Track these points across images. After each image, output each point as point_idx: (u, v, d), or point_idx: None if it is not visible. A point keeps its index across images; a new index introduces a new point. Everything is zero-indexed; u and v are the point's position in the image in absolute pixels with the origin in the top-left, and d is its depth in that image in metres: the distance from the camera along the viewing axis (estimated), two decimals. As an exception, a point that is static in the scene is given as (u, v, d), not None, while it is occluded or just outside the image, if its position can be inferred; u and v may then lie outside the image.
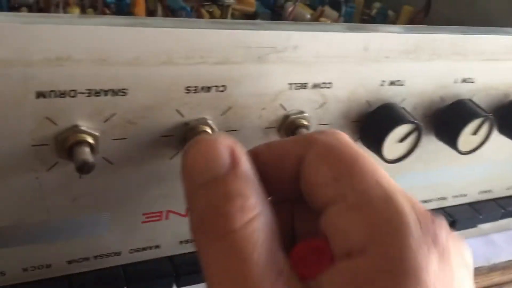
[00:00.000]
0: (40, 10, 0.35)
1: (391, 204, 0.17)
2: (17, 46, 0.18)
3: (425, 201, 0.36)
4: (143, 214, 0.26)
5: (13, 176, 0.21)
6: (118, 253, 0.26)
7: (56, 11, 0.33)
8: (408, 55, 0.27)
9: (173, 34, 0.21)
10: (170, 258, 0.28)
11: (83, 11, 0.37)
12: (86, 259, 0.26)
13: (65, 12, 0.33)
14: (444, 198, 0.37)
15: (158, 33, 0.20)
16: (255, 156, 0.19)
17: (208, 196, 0.17)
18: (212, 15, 0.41)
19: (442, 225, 0.17)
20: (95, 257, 0.26)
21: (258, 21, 0.24)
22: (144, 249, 0.27)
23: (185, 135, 0.23)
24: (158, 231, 0.27)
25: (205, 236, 0.17)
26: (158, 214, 0.26)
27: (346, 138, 0.19)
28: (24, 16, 0.19)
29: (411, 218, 0.16)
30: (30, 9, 0.35)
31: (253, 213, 0.17)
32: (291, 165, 0.19)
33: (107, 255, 0.26)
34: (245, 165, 0.18)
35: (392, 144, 0.27)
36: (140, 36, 0.20)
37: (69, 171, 0.22)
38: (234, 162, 0.18)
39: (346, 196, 0.17)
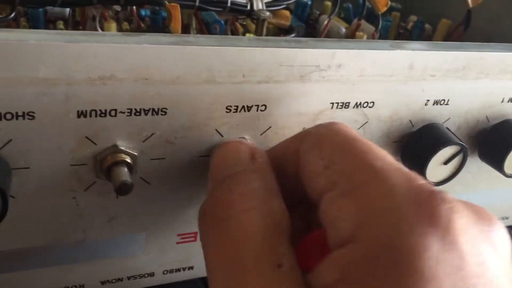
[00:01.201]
0: (76, 23, 0.35)
1: (381, 185, 0.15)
2: (60, 65, 0.18)
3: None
4: (178, 235, 0.25)
5: (51, 195, 0.21)
6: (151, 274, 0.26)
7: (92, 25, 0.33)
8: (455, 73, 0.26)
9: (216, 52, 0.20)
10: (204, 280, 0.27)
11: (118, 24, 0.37)
12: (120, 280, 0.25)
13: (101, 26, 0.32)
14: (485, 221, 0.35)
15: (201, 51, 0.20)
16: None
17: (218, 189, 0.18)
18: (246, 29, 0.40)
19: (445, 200, 0.14)
20: (129, 278, 0.25)
21: (301, 38, 0.23)
22: (177, 270, 0.26)
23: (224, 155, 0.22)
24: (192, 252, 0.26)
25: (205, 223, 0.18)
26: (193, 235, 0.25)
27: (339, 126, 0.19)
28: (67, 34, 0.18)
29: (402, 196, 0.15)
30: (66, 22, 0.35)
31: (255, 202, 0.17)
32: (290, 163, 0.19)
33: (141, 276, 0.25)
34: (261, 160, 0.19)
35: (436, 167, 0.26)
36: (183, 54, 0.20)
37: (106, 191, 0.22)
38: (252, 159, 0.19)
39: (337, 183, 0.16)
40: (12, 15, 0.29)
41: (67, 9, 0.35)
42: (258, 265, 0.15)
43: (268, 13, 0.36)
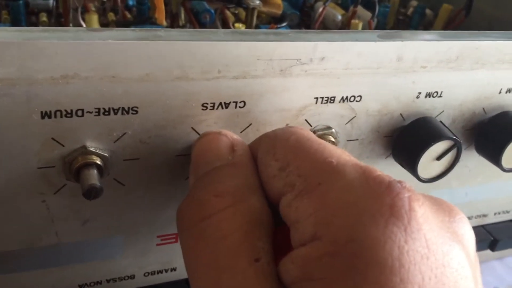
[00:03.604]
0: (59, 15, 0.34)
1: (338, 181, 0.15)
2: (19, 64, 0.17)
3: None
4: (158, 236, 0.24)
5: (19, 200, 0.20)
6: (132, 277, 0.25)
7: (75, 16, 0.32)
8: (448, 64, 0.24)
9: (188, 47, 0.19)
10: (187, 281, 0.26)
11: (104, 15, 0.36)
12: (99, 283, 0.24)
13: (83, 17, 0.31)
14: (484, 215, 0.34)
15: (171, 47, 0.19)
16: None
17: (195, 188, 0.18)
18: (237, 17, 0.39)
19: (404, 189, 0.14)
20: (108, 280, 0.24)
21: (281, 30, 0.22)
22: (159, 272, 0.26)
23: (201, 154, 0.21)
24: (174, 253, 0.25)
25: (182, 225, 0.17)
26: (174, 236, 0.24)
27: (294, 129, 0.18)
28: (27, 31, 0.17)
29: (359, 190, 0.14)
30: (50, 14, 0.34)
31: (230, 201, 0.16)
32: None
33: (121, 278, 0.25)
34: (241, 153, 0.19)
35: (428, 162, 0.25)
36: (151, 50, 0.18)
37: (78, 194, 0.21)
38: (231, 152, 0.19)
39: (293, 184, 0.16)
40: (-11, 8, 0.28)
41: (51, 0, 0.34)
42: (234, 261, 0.15)
43: (258, 2, 0.35)
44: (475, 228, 0.37)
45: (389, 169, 0.27)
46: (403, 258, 0.13)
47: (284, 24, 0.37)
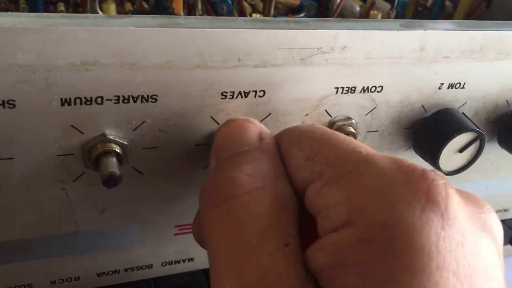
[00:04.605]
0: (77, 4, 0.34)
1: (370, 169, 0.15)
2: (39, 50, 0.17)
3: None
4: (176, 226, 0.24)
5: (39, 187, 0.20)
6: (149, 266, 0.25)
7: (92, 6, 0.32)
8: (472, 54, 0.24)
9: (208, 35, 0.19)
10: (205, 272, 0.26)
11: (121, 4, 0.36)
12: (116, 271, 0.24)
13: (100, 7, 0.31)
14: (505, 210, 0.33)
15: (191, 34, 0.18)
16: None
17: (223, 167, 0.17)
18: (254, 8, 0.39)
19: (439, 176, 0.14)
20: (126, 269, 0.24)
21: (302, 19, 0.21)
22: (177, 262, 0.26)
23: (220, 144, 0.21)
24: (191, 243, 0.25)
25: (207, 203, 0.17)
26: (191, 226, 0.24)
27: (318, 125, 0.18)
28: (47, 17, 0.17)
29: (394, 177, 0.14)
30: (67, 3, 0.34)
31: (262, 183, 0.16)
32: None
33: (138, 268, 0.25)
34: (269, 141, 0.18)
35: (450, 155, 0.25)
36: (171, 38, 0.18)
37: (97, 182, 0.21)
38: (259, 138, 0.18)
39: (321, 172, 0.16)
40: (8, -3, 0.28)
41: (68, -10, 0.34)
42: (262, 243, 0.15)
43: (275, -8, 0.34)
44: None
45: (409, 162, 0.26)
46: (440, 244, 0.13)
47: (301, 15, 0.37)
